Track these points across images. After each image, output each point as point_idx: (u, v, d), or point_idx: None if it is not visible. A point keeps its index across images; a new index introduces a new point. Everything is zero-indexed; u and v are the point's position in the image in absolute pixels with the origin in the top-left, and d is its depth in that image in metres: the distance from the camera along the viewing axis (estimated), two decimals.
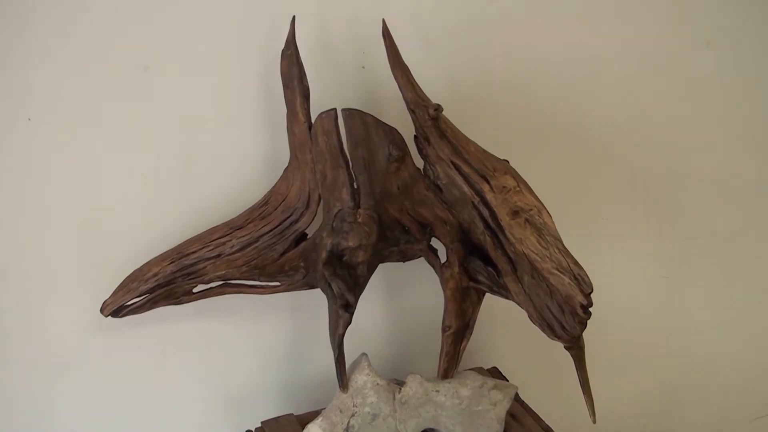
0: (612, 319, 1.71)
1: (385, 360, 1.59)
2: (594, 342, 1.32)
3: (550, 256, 1.19)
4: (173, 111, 1.31)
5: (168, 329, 1.41)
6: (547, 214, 1.23)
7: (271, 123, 1.36)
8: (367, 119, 1.22)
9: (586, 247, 1.30)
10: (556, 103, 1.58)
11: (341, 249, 1.28)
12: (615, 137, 1.66)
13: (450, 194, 1.29)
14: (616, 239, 1.75)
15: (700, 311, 1.94)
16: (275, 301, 1.43)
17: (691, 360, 1.98)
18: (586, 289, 1.17)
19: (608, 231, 1.73)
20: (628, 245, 1.78)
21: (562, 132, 1.60)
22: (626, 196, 1.73)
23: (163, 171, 1.33)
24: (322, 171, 1.25)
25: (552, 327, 1.23)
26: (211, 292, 1.32)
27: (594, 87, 1.60)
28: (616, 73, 1.62)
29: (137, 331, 1.38)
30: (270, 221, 1.30)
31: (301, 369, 1.54)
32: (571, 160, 1.63)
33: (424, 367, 1.50)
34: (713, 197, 1.83)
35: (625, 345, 1.86)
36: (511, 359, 1.68)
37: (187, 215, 1.35)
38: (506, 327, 1.68)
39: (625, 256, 1.78)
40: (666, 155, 1.73)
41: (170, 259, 1.27)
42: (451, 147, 1.27)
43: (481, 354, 1.67)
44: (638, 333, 1.88)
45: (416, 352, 1.62)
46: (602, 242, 1.73)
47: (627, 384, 1.92)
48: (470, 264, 1.34)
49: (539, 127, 1.57)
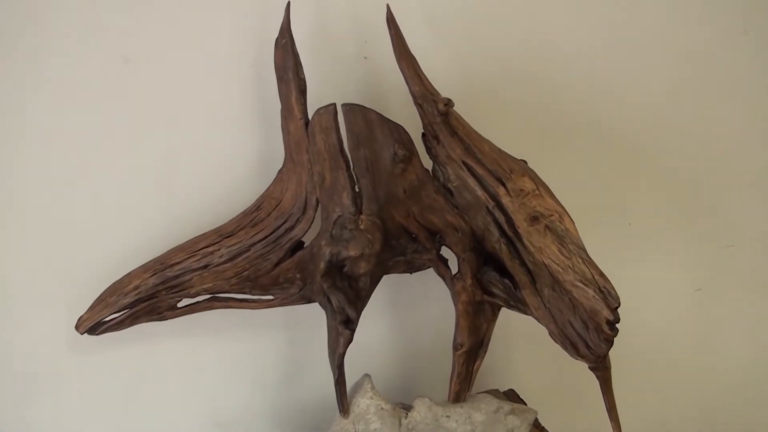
0: (641, 336, 1.71)
1: (391, 382, 1.59)
2: (621, 361, 1.32)
3: (572, 266, 1.19)
4: (155, 107, 1.31)
5: (150, 348, 1.41)
6: (569, 220, 1.23)
7: (264, 120, 1.36)
8: (369, 115, 1.22)
9: (611, 257, 1.30)
10: (579, 96, 1.58)
11: (341, 259, 1.27)
12: (644, 133, 1.66)
13: (462, 198, 1.29)
14: (644, 247, 1.75)
15: (737, 327, 1.94)
16: (268, 317, 1.43)
17: (728, 381, 1.98)
18: (613, 303, 1.17)
19: (636, 238, 1.73)
20: (658, 254, 1.78)
21: (586, 129, 1.60)
22: (656, 200, 1.73)
23: (144, 173, 1.33)
24: (320, 173, 1.25)
25: (575, 345, 1.23)
26: (197, 306, 1.33)
27: (622, 78, 1.61)
28: (647, 61, 1.62)
29: (116, 350, 1.38)
30: (263, 228, 1.30)
31: (297, 392, 1.54)
32: (596, 159, 1.64)
33: (434, 390, 1.50)
34: (753, 200, 1.83)
35: (656, 365, 1.86)
36: (529, 381, 1.68)
37: (171, 222, 1.36)
38: (524, 345, 1.68)
39: (654, 266, 1.78)
40: (701, 153, 1.74)
41: (152, 271, 1.27)
42: (463, 146, 1.27)
43: (497, 375, 1.67)
44: (670, 351, 1.87)
45: (424, 373, 1.62)
46: (629, 251, 1.73)
47: (657, 408, 1.91)
48: (484, 275, 1.34)
49: (560, 123, 1.57)
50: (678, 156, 1.71)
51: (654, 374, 1.87)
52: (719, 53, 1.67)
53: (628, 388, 1.41)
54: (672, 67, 1.64)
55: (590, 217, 1.41)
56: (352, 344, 1.29)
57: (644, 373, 1.83)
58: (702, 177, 1.75)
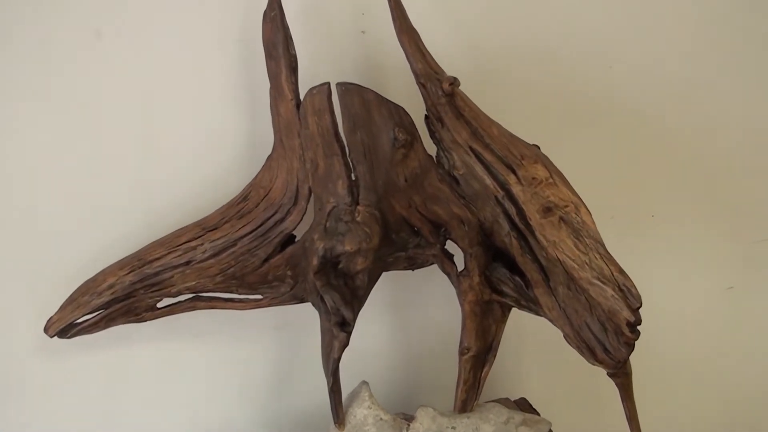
0: (665, 339, 1.71)
1: (391, 389, 1.59)
2: (643, 367, 1.32)
3: (589, 262, 1.19)
4: (130, 87, 1.31)
5: (126, 352, 1.41)
6: (585, 212, 1.23)
7: (251, 101, 1.36)
8: (367, 96, 1.22)
9: (632, 252, 1.30)
10: (597, 75, 1.58)
11: (336, 254, 1.27)
12: (669, 116, 1.66)
13: (469, 187, 1.29)
14: (669, 241, 1.75)
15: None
16: (257, 319, 1.43)
17: (763, 388, 1.97)
18: (634, 303, 1.17)
19: (659, 232, 1.73)
20: (684, 249, 1.77)
21: (605, 111, 1.60)
22: (682, 189, 1.73)
23: (118, 160, 1.34)
24: (312, 159, 1.25)
25: (592, 349, 1.23)
26: (178, 307, 1.33)
27: (644, 54, 1.61)
28: (671, 35, 1.62)
29: (89, 355, 1.38)
30: (250, 221, 1.30)
31: (288, 401, 1.54)
32: (616, 144, 1.64)
33: (438, 399, 1.50)
34: None
35: (682, 370, 1.86)
36: (542, 388, 1.68)
37: (148, 214, 1.36)
38: (537, 349, 1.68)
39: (680, 262, 1.78)
40: (732, 139, 1.73)
41: (129, 268, 1.28)
42: (470, 129, 1.27)
43: (507, 382, 1.67)
44: (697, 356, 1.87)
45: (428, 380, 1.62)
46: (652, 245, 1.73)
47: (683, 418, 1.90)
48: (493, 272, 1.34)
49: (577, 105, 1.58)
50: (706, 141, 1.71)
51: (679, 381, 1.86)
52: (751, 26, 1.67)
53: (650, 397, 1.42)
54: (699, 42, 1.64)
55: (609, 209, 1.42)
56: (348, 348, 1.30)
57: (668, 380, 1.82)
58: (733, 164, 1.75)
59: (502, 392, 1.63)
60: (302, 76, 1.25)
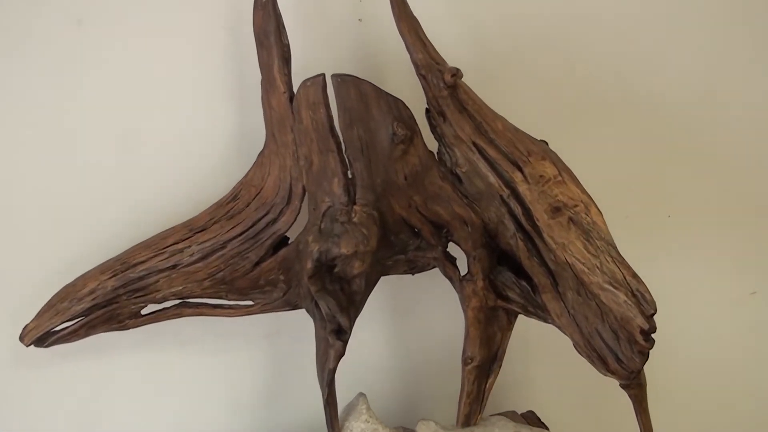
0: (682, 348, 1.71)
1: (390, 402, 1.59)
2: (658, 378, 1.32)
3: (600, 266, 1.19)
4: (112, 78, 1.31)
5: (108, 362, 1.41)
6: (596, 212, 1.23)
7: (241, 94, 1.37)
8: (364, 88, 1.22)
9: (647, 255, 1.30)
10: (610, 65, 1.58)
11: (332, 257, 1.27)
12: (688, 109, 1.66)
13: (472, 186, 1.30)
14: (687, 244, 1.75)
15: None
16: (247, 326, 1.44)
17: None
18: (648, 310, 1.17)
19: (677, 233, 1.73)
20: (703, 251, 1.77)
21: (618, 104, 1.61)
22: (701, 187, 1.73)
23: (100, 156, 1.34)
24: (306, 156, 1.25)
25: (604, 359, 1.23)
26: (164, 314, 1.33)
27: (661, 42, 1.61)
28: (690, 21, 1.62)
29: (68, 365, 1.38)
30: (240, 222, 1.30)
31: (280, 414, 1.54)
32: (630, 139, 1.64)
33: (439, 412, 1.51)
34: None
35: (700, 381, 1.86)
36: (551, 400, 1.68)
37: (132, 215, 1.36)
38: (545, 359, 1.68)
39: (699, 266, 1.78)
40: (755, 133, 1.73)
41: (111, 272, 1.27)
42: (474, 124, 1.27)
43: (514, 394, 1.67)
44: (717, 365, 1.87)
45: (429, 392, 1.62)
46: (668, 248, 1.73)
47: None
48: (498, 277, 1.35)
49: (588, 98, 1.58)
50: (727, 135, 1.71)
51: (698, 393, 1.86)
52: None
53: (666, 410, 1.42)
54: (720, 29, 1.64)
55: (622, 208, 1.42)
56: (344, 358, 1.30)
57: (686, 392, 1.83)
58: (756, 162, 1.75)
59: (508, 405, 1.63)
60: (295, 67, 1.25)
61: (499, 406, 1.61)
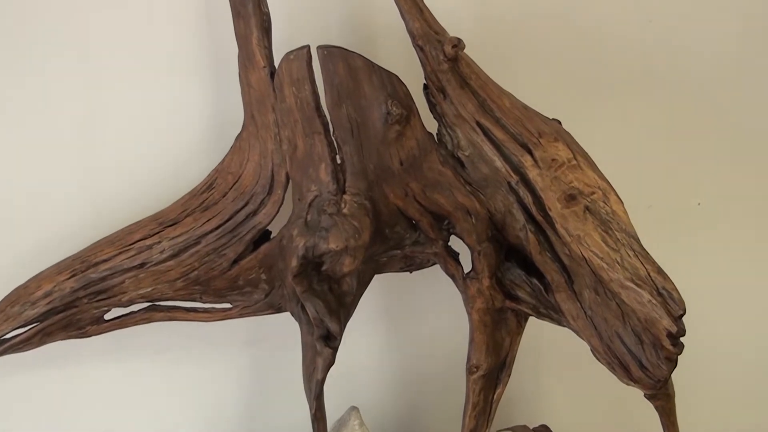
0: (715, 352, 1.72)
1: (385, 416, 1.59)
2: (689, 386, 1.32)
3: (621, 261, 1.19)
4: (70, 52, 1.31)
5: (68, 374, 1.41)
6: (616, 199, 1.22)
7: (216, 69, 1.37)
8: (354, 62, 1.21)
9: (673, 248, 1.30)
10: (632, 34, 1.58)
11: (319, 254, 1.27)
12: (716, 86, 1.66)
13: (476, 171, 1.29)
14: (719, 234, 1.75)
15: None
16: (225, 332, 1.44)
17: None
18: (676, 310, 1.16)
19: (707, 223, 1.73)
20: (738, 243, 1.78)
21: (639, 79, 1.60)
22: (733, 173, 1.73)
23: (58, 140, 1.33)
24: (290, 139, 1.25)
25: (626, 366, 1.23)
26: (131, 319, 1.33)
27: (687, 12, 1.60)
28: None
29: (23, 376, 1.38)
30: (216, 214, 1.30)
31: (263, 429, 1.54)
32: (653, 119, 1.63)
33: (442, 426, 1.51)
34: None
35: (734, 390, 1.86)
36: (567, 414, 1.69)
37: (93, 206, 1.36)
38: (560, 366, 1.69)
39: (731, 260, 1.78)
40: None
41: (70, 272, 1.27)
42: (477, 101, 1.26)
43: (525, 406, 1.68)
44: (753, 372, 1.87)
45: (429, 405, 1.63)
46: (698, 240, 1.73)
47: None
48: (506, 274, 1.34)
49: (606, 70, 1.58)
50: (763, 114, 1.71)
51: (735, 404, 1.87)
52: None
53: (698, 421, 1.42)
54: None
55: (645, 196, 1.41)
56: (334, 367, 1.30)
57: (721, 403, 1.83)
58: None
59: (518, 418, 1.64)
60: (277, 39, 1.25)
61: (508, 420, 1.62)
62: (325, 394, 1.31)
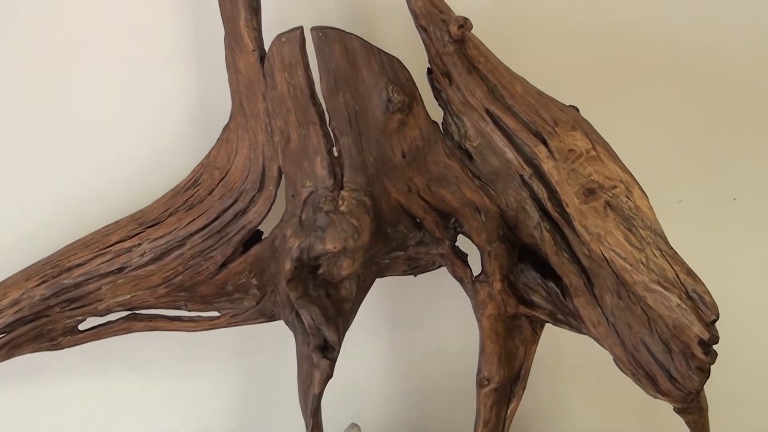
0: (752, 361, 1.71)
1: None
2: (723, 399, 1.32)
3: (646, 261, 1.18)
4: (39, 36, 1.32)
5: (40, 390, 1.42)
6: (640, 194, 1.22)
7: (199, 54, 1.37)
8: (352, 45, 1.22)
9: (705, 247, 1.30)
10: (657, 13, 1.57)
11: (315, 256, 1.27)
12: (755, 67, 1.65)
13: (485, 164, 1.29)
14: (754, 232, 1.75)
15: None
16: (213, 343, 1.45)
17: None
18: (708, 315, 1.16)
19: (744, 219, 1.73)
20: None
21: (667, 60, 1.60)
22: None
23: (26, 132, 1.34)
24: (282, 129, 1.25)
25: (653, 377, 1.22)
26: (109, 329, 1.34)
27: None
28: None
29: None
30: (202, 213, 1.31)
31: None
32: (683, 104, 1.63)
33: None
34: None
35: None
36: (588, 430, 1.68)
37: (65, 205, 1.37)
38: (580, 378, 1.69)
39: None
40: None
41: (40, 277, 1.28)
42: (486, 87, 1.26)
43: (542, 422, 1.69)
44: None
45: (436, 421, 1.63)
46: (734, 237, 1.72)
47: None
48: (520, 277, 1.35)
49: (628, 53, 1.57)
50: None
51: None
52: None
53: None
54: None
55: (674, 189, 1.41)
56: (332, 380, 1.30)
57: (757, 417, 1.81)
58: None
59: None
60: (267, 21, 1.25)
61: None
62: (323, 411, 1.31)
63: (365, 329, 1.48)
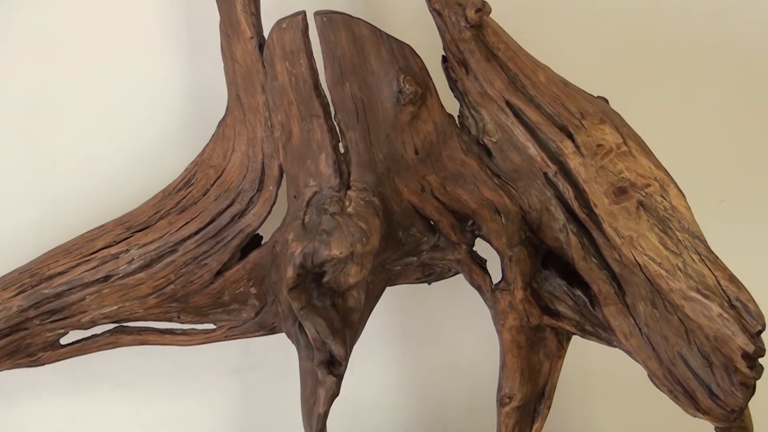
0: None
1: None
2: None
3: (683, 266, 1.18)
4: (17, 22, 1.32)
5: (16, 410, 1.42)
6: (677, 193, 1.22)
7: (192, 41, 1.37)
8: (359, 31, 1.21)
9: (750, 250, 1.29)
10: None
11: (320, 262, 1.26)
12: None
13: (506, 161, 1.29)
14: None
15: None
16: (209, 358, 1.45)
17: None
18: (753, 326, 1.15)
19: None
20: None
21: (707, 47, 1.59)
22: None
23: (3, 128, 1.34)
24: (284, 124, 1.25)
25: (691, 394, 1.22)
26: (93, 343, 1.34)
27: None
28: None
29: None
30: (196, 216, 1.31)
31: None
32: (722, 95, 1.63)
33: None
34: None
35: None
36: None
37: (46, 206, 1.37)
38: (609, 395, 1.69)
39: None
40: None
41: (18, 287, 1.28)
42: (507, 77, 1.26)
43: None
44: None
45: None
46: None
47: None
48: (544, 284, 1.34)
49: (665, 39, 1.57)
50: None
51: None
52: None
53: None
54: None
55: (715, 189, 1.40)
56: (339, 398, 1.29)
57: None
58: None
59: None
60: (266, 4, 1.25)
61: None
62: (329, 430, 1.31)
63: (375, 342, 1.49)
